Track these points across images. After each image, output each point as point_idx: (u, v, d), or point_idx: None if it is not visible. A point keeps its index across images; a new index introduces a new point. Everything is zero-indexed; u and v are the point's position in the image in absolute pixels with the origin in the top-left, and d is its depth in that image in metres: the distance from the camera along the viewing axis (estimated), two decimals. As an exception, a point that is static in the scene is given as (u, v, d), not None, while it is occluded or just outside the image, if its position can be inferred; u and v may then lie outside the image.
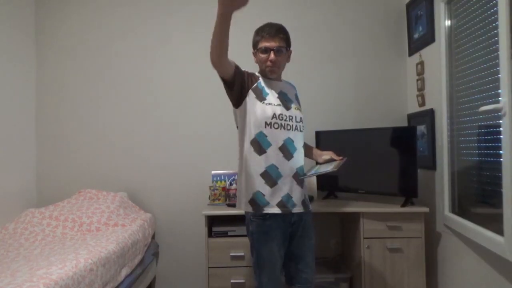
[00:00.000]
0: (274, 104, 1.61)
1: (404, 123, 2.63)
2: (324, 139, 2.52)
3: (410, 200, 2.17)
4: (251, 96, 1.60)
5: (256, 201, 1.58)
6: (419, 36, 2.41)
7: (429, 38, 2.27)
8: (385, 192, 2.29)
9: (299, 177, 1.65)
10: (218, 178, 2.54)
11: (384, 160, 2.31)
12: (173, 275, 2.68)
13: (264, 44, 1.60)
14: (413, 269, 2.09)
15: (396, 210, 2.11)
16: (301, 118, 1.70)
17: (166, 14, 2.70)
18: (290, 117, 1.64)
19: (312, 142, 2.56)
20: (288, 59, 1.71)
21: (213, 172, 2.54)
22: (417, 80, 2.45)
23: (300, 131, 1.69)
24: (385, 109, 2.67)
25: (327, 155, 1.78)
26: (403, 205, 2.14)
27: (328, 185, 2.51)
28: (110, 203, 2.39)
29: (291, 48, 1.70)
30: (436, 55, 2.16)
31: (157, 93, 2.71)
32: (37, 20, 2.71)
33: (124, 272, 1.92)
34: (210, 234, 2.19)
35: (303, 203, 1.66)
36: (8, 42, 2.46)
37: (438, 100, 2.13)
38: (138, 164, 2.70)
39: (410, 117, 2.58)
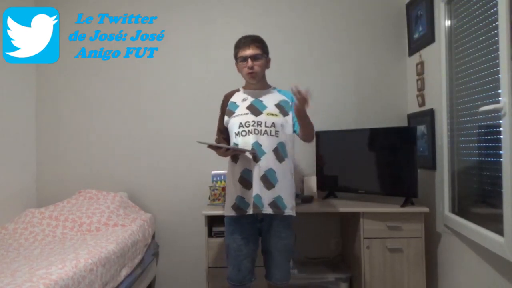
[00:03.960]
0: (242, 114, 1.78)
1: (404, 123, 2.63)
2: (324, 139, 2.52)
3: (410, 200, 2.17)
4: (226, 119, 1.84)
5: (239, 206, 1.73)
6: (419, 36, 2.41)
7: (429, 38, 2.27)
8: (385, 192, 2.29)
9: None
10: (218, 178, 2.53)
11: (384, 160, 2.31)
12: (173, 275, 2.68)
13: (241, 53, 1.76)
14: (413, 269, 2.09)
15: (396, 210, 2.11)
16: (273, 123, 1.74)
17: (166, 17, 2.70)
18: (259, 123, 1.73)
19: (312, 142, 2.55)
20: (267, 65, 1.85)
21: (213, 172, 2.53)
22: (417, 80, 2.45)
23: (272, 135, 1.73)
24: (385, 109, 2.66)
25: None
26: (403, 205, 2.14)
27: (328, 185, 2.51)
28: (110, 203, 2.39)
29: (269, 57, 1.85)
30: (436, 55, 2.16)
31: (157, 93, 2.71)
32: (37, 20, 2.71)
33: (124, 272, 1.92)
34: (210, 234, 2.19)
35: (272, 205, 1.71)
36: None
37: (438, 100, 2.13)
38: (138, 164, 2.70)
39: (410, 117, 2.58)
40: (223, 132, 1.87)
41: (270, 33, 2.68)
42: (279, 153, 1.74)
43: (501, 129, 1.53)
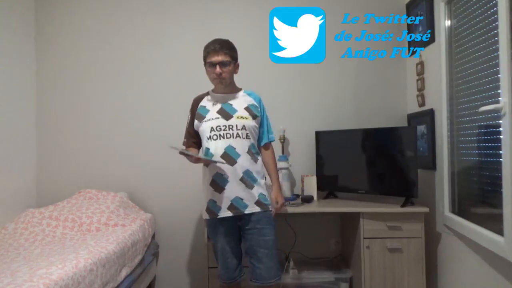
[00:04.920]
0: (212, 118, 1.81)
1: (404, 123, 2.63)
2: (324, 139, 2.52)
3: (410, 200, 2.17)
4: (196, 123, 1.87)
5: (211, 209, 1.79)
6: (419, 36, 2.41)
7: (429, 38, 2.27)
8: (385, 192, 2.29)
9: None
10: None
11: (384, 160, 2.31)
12: (173, 275, 2.68)
13: (210, 59, 1.78)
14: (413, 269, 2.09)
15: (396, 210, 2.11)
16: (244, 126, 1.79)
17: (164, 15, 2.70)
18: (230, 126, 1.78)
19: (312, 142, 2.57)
20: (235, 71, 1.87)
21: (213, 172, 2.53)
22: (417, 80, 2.45)
23: (244, 138, 1.79)
24: (385, 109, 2.66)
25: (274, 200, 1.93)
26: (403, 205, 2.14)
27: (328, 185, 2.51)
28: (110, 203, 2.39)
29: (238, 62, 1.87)
30: (436, 55, 2.16)
31: (157, 93, 2.71)
32: (37, 20, 2.71)
33: (124, 272, 1.92)
34: (210, 234, 2.19)
35: (257, 202, 1.79)
36: (8, 42, 2.46)
37: (438, 100, 2.13)
38: (138, 164, 2.70)
39: (410, 117, 2.58)
40: (194, 136, 1.91)
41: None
42: (253, 153, 1.82)
43: (501, 129, 1.53)
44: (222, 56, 1.76)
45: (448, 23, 2.06)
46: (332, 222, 2.65)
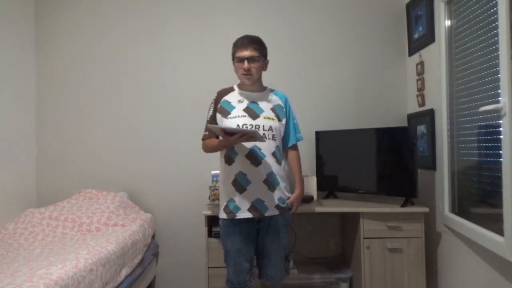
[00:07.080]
0: (239, 116, 1.76)
1: (404, 123, 2.63)
2: (324, 139, 2.52)
3: (410, 200, 2.17)
4: (219, 117, 1.81)
5: (230, 209, 1.73)
6: (419, 36, 2.41)
7: (429, 38, 2.27)
8: (385, 192, 2.29)
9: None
10: (218, 178, 2.53)
11: (384, 160, 2.31)
12: (173, 275, 2.68)
13: (238, 54, 1.75)
14: (413, 269, 2.09)
15: (396, 210, 2.11)
16: (270, 127, 1.76)
17: (166, 17, 2.70)
18: (257, 126, 1.74)
19: (312, 142, 2.57)
20: (264, 67, 1.84)
21: (213, 172, 2.53)
22: (417, 80, 2.45)
23: (269, 139, 1.75)
24: (385, 109, 2.67)
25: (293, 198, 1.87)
26: (403, 205, 2.14)
27: (328, 185, 2.51)
28: (110, 203, 2.39)
29: (268, 58, 1.84)
30: (436, 55, 2.16)
31: (157, 94, 2.71)
32: (37, 19, 2.71)
33: (124, 272, 1.92)
34: (210, 234, 2.19)
35: (277, 206, 1.76)
36: (8, 41, 2.46)
37: (438, 100, 2.13)
38: (138, 164, 2.70)
39: (410, 117, 2.58)
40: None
41: (271, 34, 2.70)
42: (277, 156, 1.78)
43: (501, 129, 1.53)
44: (250, 51, 1.72)
45: (448, 23, 2.06)
46: (332, 222, 2.65)
